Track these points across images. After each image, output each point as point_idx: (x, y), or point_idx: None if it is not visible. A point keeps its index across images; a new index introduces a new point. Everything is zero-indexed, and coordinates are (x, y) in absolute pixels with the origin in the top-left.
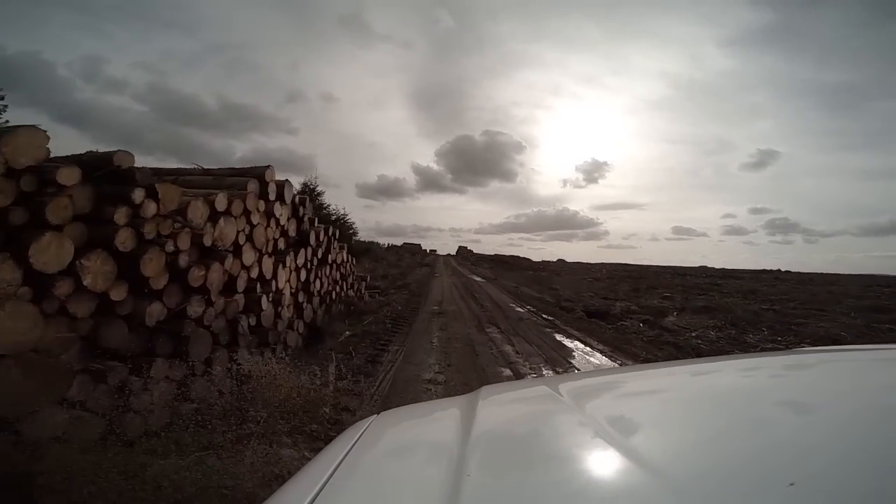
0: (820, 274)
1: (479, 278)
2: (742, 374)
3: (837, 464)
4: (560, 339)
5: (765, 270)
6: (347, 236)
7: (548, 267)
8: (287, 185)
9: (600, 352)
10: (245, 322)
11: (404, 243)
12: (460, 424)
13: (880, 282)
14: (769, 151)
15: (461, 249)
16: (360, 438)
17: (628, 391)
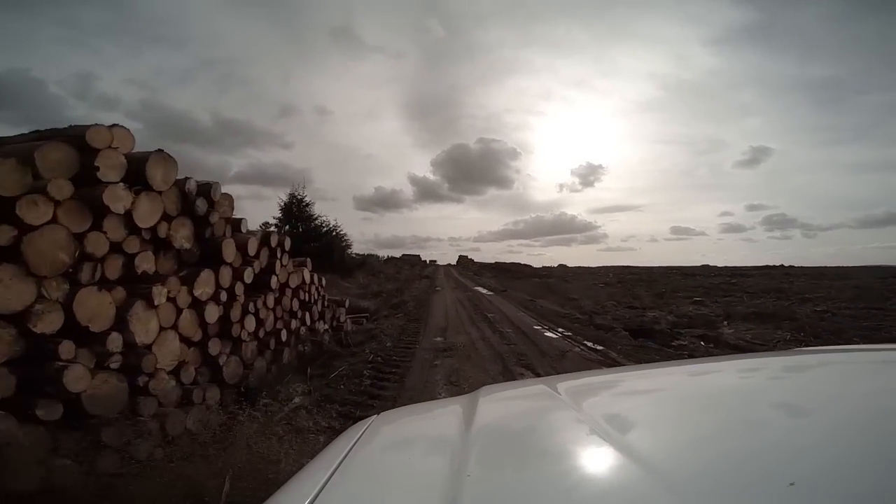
0: (827, 268)
1: (486, 290)
2: (741, 375)
3: (837, 464)
4: None
5: (769, 266)
6: (340, 249)
7: (552, 273)
8: (160, 159)
9: None
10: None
11: (403, 255)
12: (460, 423)
13: (892, 273)
14: (762, 148)
15: (462, 259)
16: (360, 438)
17: (626, 390)
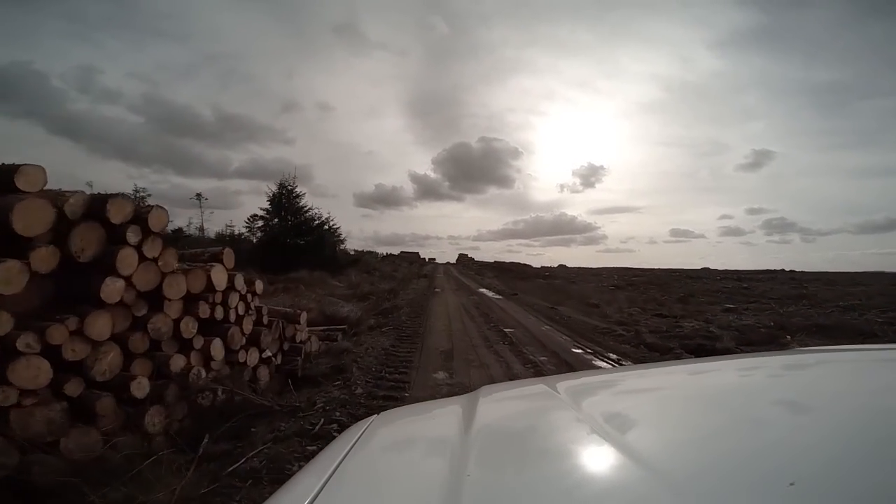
0: (828, 273)
1: (492, 293)
2: (741, 374)
3: (838, 464)
4: None
5: (771, 270)
6: (333, 244)
7: (554, 274)
8: None
9: None
10: None
11: (402, 252)
12: (460, 423)
13: None
14: (764, 152)
15: (461, 257)
16: (360, 438)
17: (626, 390)
